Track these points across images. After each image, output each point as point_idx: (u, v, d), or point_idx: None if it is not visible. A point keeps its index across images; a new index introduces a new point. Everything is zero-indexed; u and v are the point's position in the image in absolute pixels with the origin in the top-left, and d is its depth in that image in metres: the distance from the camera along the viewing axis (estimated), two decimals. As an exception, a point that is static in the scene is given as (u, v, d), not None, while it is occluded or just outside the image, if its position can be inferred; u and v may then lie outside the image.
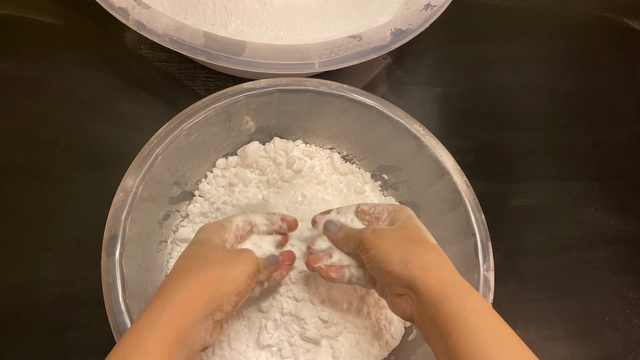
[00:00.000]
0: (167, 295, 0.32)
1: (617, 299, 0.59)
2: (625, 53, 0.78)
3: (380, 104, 0.50)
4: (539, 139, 0.68)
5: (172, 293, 0.32)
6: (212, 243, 0.37)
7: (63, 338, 0.47)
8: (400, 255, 0.34)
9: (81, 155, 0.56)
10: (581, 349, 0.55)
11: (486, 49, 0.74)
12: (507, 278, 0.57)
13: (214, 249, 0.36)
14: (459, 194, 0.47)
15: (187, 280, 0.33)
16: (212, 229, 0.39)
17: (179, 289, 0.32)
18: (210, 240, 0.37)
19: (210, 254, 0.35)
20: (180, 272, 0.34)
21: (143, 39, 0.63)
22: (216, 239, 0.37)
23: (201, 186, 0.52)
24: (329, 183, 0.54)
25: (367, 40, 0.53)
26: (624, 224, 0.64)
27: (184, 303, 0.31)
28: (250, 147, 0.52)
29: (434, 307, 0.31)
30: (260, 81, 0.49)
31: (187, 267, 0.34)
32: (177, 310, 0.31)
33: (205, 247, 0.36)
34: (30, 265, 0.49)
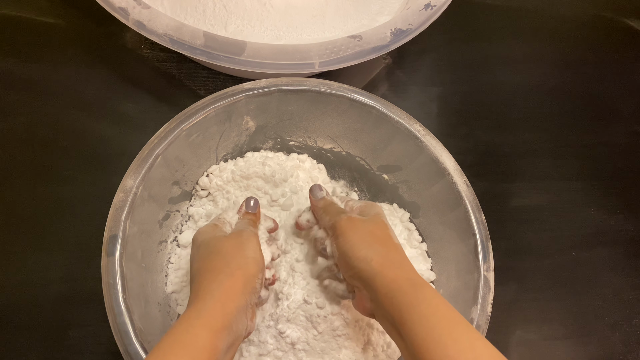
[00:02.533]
0: (205, 292, 0.34)
1: (617, 299, 0.59)
2: (625, 53, 0.78)
3: (380, 104, 0.50)
4: (539, 139, 0.68)
5: (210, 290, 0.34)
6: (216, 238, 0.39)
7: (63, 338, 0.47)
8: (365, 252, 0.37)
9: (81, 155, 0.56)
10: (581, 349, 0.55)
11: (486, 49, 0.74)
12: (507, 278, 0.57)
13: (220, 242, 0.38)
14: (459, 194, 0.47)
15: (218, 276, 0.35)
16: (207, 230, 0.40)
17: (214, 285, 0.34)
18: (213, 237, 0.39)
19: (221, 248, 0.37)
20: (208, 272, 0.36)
21: (143, 39, 0.63)
22: (218, 233, 0.39)
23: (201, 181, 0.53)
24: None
25: (367, 40, 0.53)
26: (624, 224, 0.64)
27: (223, 295, 0.34)
28: None
29: (389, 301, 0.34)
30: (260, 81, 0.49)
31: (210, 267, 0.36)
32: (220, 301, 0.33)
33: (214, 244, 0.38)
34: (30, 265, 0.49)
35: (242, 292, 0.35)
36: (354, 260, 0.37)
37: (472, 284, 0.44)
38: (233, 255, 0.37)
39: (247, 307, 0.35)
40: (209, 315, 0.32)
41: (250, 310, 0.36)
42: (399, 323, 0.33)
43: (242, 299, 0.35)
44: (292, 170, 0.53)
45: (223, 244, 0.38)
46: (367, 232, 0.38)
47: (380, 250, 0.37)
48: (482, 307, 0.43)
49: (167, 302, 0.47)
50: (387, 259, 0.36)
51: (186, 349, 0.30)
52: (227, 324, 0.32)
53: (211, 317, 0.32)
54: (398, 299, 0.33)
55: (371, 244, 0.37)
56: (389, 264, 0.36)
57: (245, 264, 0.36)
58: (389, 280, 0.35)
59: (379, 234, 0.39)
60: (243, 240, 0.38)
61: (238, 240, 0.38)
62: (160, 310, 0.45)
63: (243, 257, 0.37)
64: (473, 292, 0.43)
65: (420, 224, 0.53)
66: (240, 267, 0.36)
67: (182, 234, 0.51)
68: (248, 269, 0.36)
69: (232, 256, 0.37)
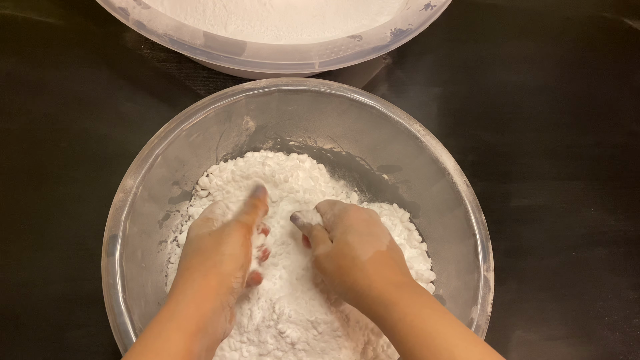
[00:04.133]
0: (179, 292, 0.33)
1: (617, 299, 0.59)
2: (625, 53, 0.78)
3: (380, 104, 0.50)
4: (539, 139, 0.68)
5: (184, 290, 0.33)
6: (199, 236, 0.38)
7: (63, 338, 0.47)
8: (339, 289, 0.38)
9: (81, 155, 0.56)
10: (581, 349, 0.55)
11: (486, 49, 0.74)
12: (507, 278, 0.57)
13: (202, 239, 0.37)
14: (459, 194, 0.47)
15: (193, 275, 0.34)
16: (198, 223, 0.40)
17: (189, 285, 0.33)
18: (198, 234, 0.38)
19: (200, 245, 0.37)
20: (185, 271, 0.35)
21: (143, 39, 0.63)
22: (203, 230, 0.39)
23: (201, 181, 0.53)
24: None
25: (367, 40, 0.53)
26: (624, 224, 0.64)
27: (197, 295, 0.32)
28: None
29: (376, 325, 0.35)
30: (260, 81, 0.49)
31: (188, 266, 0.35)
32: (193, 302, 0.32)
33: (196, 242, 0.37)
34: (30, 265, 0.49)
35: (216, 292, 0.33)
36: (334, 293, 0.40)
37: (472, 284, 0.44)
38: (210, 252, 0.35)
39: (223, 307, 0.33)
40: (183, 317, 0.31)
41: (228, 311, 0.34)
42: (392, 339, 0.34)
43: (217, 300, 0.33)
44: (292, 170, 0.53)
45: (203, 241, 0.37)
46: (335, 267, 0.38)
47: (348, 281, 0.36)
48: (482, 307, 0.43)
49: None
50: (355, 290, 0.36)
51: (159, 355, 0.28)
52: (201, 326, 0.31)
53: (185, 319, 0.31)
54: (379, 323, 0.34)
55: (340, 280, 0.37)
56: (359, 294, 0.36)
57: (220, 261, 0.35)
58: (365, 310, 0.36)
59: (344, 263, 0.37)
60: (224, 235, 0.37)
61: (218, 236, 0.37)
62: (160, 310, 0.45)
63: (219, 254, 0.35)
64: (473, 292, 0.43)
65: (420, 224, 0.53)
66: (215, 264, 0.34)
67: (182, 234, 0.51)
68: (223, 267, 0.35)
69: (209, 254, 0.35)
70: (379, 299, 0.34)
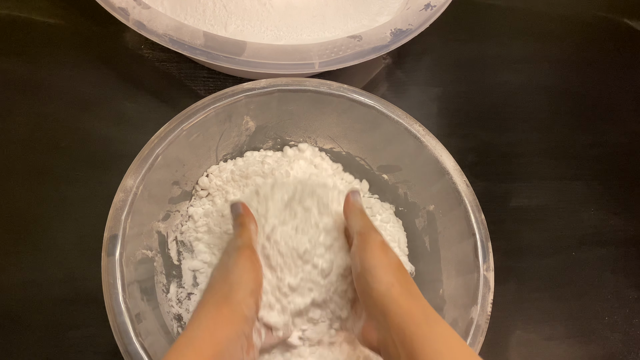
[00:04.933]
0: (194, 323, 0.33)
1: (617, 299, 0.58)
2: (625, 53, 0.78)
3: (380, 104, 0.50)
4: (539, 139, 0.68)
5: (198, 321, 0.34)
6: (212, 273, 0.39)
7: (63, 338, 0.47)
8: (387, 277, 0.36)
9: (81, 156, 0.56)
10: (581, 349, 0.55)
11: (486, 49, 0.74)
12: (507, 278, 0.57)
13: (213, 273, 0.38)
14: (459, 194, 0.47)
15: (205, 308, 0.35)
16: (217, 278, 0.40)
17: (202, 316, 0.34)
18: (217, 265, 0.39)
19: (212, 280, 0.38)
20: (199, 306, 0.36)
21: (143, 39, 0.63)
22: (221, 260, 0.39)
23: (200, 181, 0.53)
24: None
25: (367, 40, 0.53)
26: (624, 224, 0.64)
27: (211, 324, 0.33)
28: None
29: (402, 331, 0.32)
30: (260, 81, 0.49)
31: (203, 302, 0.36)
32: (208, 330, 0.32)
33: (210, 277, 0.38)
34: (30, 265, 0.49)
35: (229, 320, 0.34)
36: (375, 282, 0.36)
37: (472, 283, 0.44)
38: (219, 284, 0.36)
39: (238, 336, 0.34)
40: (199, 343, 0.31)
41: (245, 342, 0.35)
42: (409, 354, 0.31)
43: (232, 329, 0.33)
44: (292, 162, 0.52)
45: (213, 275, 0.38)
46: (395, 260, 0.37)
47: (402, 278, 0.36)
48: (482, 307, 0.43)
49: (168, 303, 0.47)
50: (406, 288, 0.35)
51: None
52: (217, 353, 0.31)
53: (201, 344, 0.31)
54: (411, 330, 0.32)
55: (395, 271, 0.36)
56: (407, 293, 0.35)
57: (229, 291, 0.35)
58: (404, 309, 0.34)
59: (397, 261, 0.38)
60: (229, 264, 0.37)
61: (224, 267, 0.37)
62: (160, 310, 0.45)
63: (227, 284, 0.36)
64: (473, 292, 0.43)
65: (420, 224, 0.53)
66: (225, 296, 0.35)
67: (182, 234, 0.51)
68: (232, 297, 0.35)
69: (219, 286, 0.36)
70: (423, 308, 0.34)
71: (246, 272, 0.37)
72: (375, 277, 0.36)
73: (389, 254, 0.38)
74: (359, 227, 0.40)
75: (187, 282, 0.49)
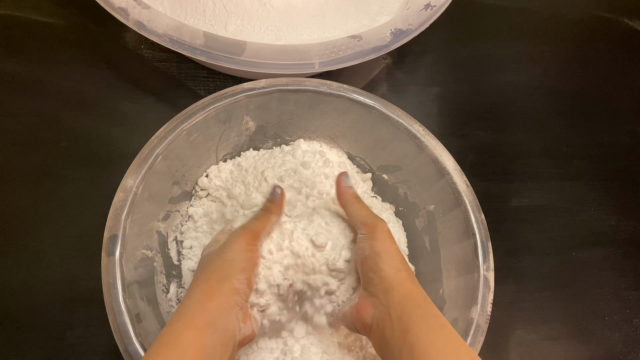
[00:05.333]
0: (186, 299, 0.35)
1: (617, 299, 0.58)
2: (625, 53, 0.78)
3: (380, 104, 0.50)
4: (539, 139, 0.68)
5: (189, 295, 0.35)
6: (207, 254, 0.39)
7: (63, 338, 0.47)
8: (397, 263, 0.38)
9: (81, 155, 0.56)
10: (581, 349, 0.55)
11: (486, 49, 0.74)
12: (507, 278, 0.57)
13: (206, 256, 0.39)
14: (458, 194, 0.47)
15: (196, 282, 0.36)
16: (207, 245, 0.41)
17: (192, 290, 0.35)
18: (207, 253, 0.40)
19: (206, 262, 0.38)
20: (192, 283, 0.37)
21: (143, 39, 0.63)
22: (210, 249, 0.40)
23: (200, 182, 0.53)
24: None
25: (367, 40, 0.53)
26: (624, 224, 0.64)
27: (201, 296, 0.34)
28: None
29: (402, 308, 0.35)
30: (260, 81, 0.49)
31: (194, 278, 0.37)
32: (199, 303, 0.34)
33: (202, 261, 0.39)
34: (30, 265, 0.49)
35: (219, 292, 0.35)
36: (385, 264, 0.37)
37: (472, 284, 0.44)
38: (212, 262, 0.37)
39: (230, 306, 0.35)
40: (190, 314, 0.33)
41: (238, 311, 0.35)
42: (404, 329, 0.33)
43: (221, 299, 0.34)
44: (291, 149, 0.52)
45: (209, 257, 0.38)
46: (399, 249, 0.40)
47: (407, 267, 0.38)
48: (482, 307, 0.43)
49: (168, 303, 0.47)
50: (411, 276, 0.38)
51: (173, 348, 0.30)
52: (209, 321, 0.32)
53: (192, 315, 0.33)
54: (410, 309, 0.34)
55: (402, 259, 0.39)
56: (412, 280, 0.37)
57: (220, 266, 0.36)
58: (407, 291, 0.36)
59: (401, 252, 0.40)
60: (226, 244, 0.38)
61: (220, 248, 0.38)
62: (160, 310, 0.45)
63: (220, 260, 0.37)
64: (473, 292, 0.43)
65: (420, 224, 0.53)
66: (215, 269, 0.36)
67: (182, 234, 0.51)
68: (222, 270, 0.36)
69: (211, 262, 0.37)
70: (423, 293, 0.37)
71: (240, 251, 0.37)
72: (385, 261, 0.38)
73: (395, 244, 0.40)
74: (362, 217, 0.41)
75: (187, 282, 0.49)
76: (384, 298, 0.36)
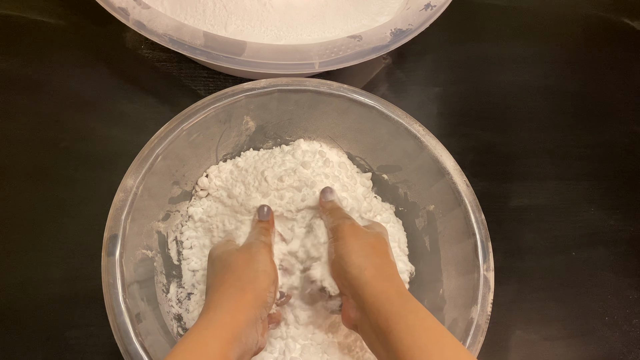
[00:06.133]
0: (215, 305, 0.34)
1: (617, 299, 0.59)
2: (625, 53, 0.78)
3: (380, 104, 0.50)
4: (539, 139, 0.68)
5: (220, 303, 0.34)
6: (227, 252, 0.40)
7: (63, 338, 0.47)
8: (361, 260, 0.37)
9: (81, 155, 0.56)
10: (581, 349, 0.55)
11: (486, 49, 0.74)
12: (507, 278, 0.57)
13: (231, 255, 0.39)
14: (459, 194, 0.47)
15: (229, 290, 0.36)
16: (222, 243, 0.42)
17: (225, 298, 0.35)
18: (225, 251, 0.40)
19: (231, 262, 0.38)
20: (220, 286, 0.37)
21: (143, 39, 0.63)
22: (230, 247, 0.40)
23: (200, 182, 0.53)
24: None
25: (367, 40, 0.53)
26: (624, 224, 0.64)
27: (232, 307, 0.34)
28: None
29: (377, 310, 0.34)
30: (260, 81, 0.49)
31: (222, 282, 0.37)
32: (229, 313, 0.33)
33: (225, 257, 0.39)
34: (30, 265, 0.49)
35: (252, 305, 0.35)
36: (349, 265, 0.37)
37: (472, 284, 0.44)
38: (243, 269, 0.37)
39: (257, 320, 0.35)
40: (219, 326, 0.32)
41: (260, 325, 0.36)
42: (384, 331, 0.33)
43: (252, 312, 0.35)
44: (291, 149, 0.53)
45: (234, 258, 0.38)
46: (367, 243, 0.39)
47: (375, 261, 0.37)
48: (482, 307, 0.43)
49: (168, 303, 0.47)
50: (380, 270, 0.37)
51: (197, 358, 0.30)
52: (236, 335, 0.33)
53: (221, 327, 0.32)
54: (385, 308, 0.34)
55: (368, 254, 0.38)
56: (381, 275, 0.36)
57: (255, 277, 0.37)
58: (378, 290, 0.35)
59: (377, 246, 0.39)
60: (253, 253, 0.39)
61: (248, 254, 0.39)
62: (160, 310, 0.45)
63: (253, 271, 0.37)
64: (473, 292, 0.43)
65: (420, 224, 0.53)
66: (251, 281, 0.36)
67: (182, 234, 0.51)
68: (258, 283, 0.36)
69: (242, 270, 0.37)
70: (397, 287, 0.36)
71: (269, 263, 0.38)
72: (348, 262, 0.37)
73: (361, 237, 0.39)
74: (330, 223, 0.42)
75: (187, 282, 0.49)
76: (358, 300, 0.36)
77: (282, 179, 0.47)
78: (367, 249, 0.38)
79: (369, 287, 0.35)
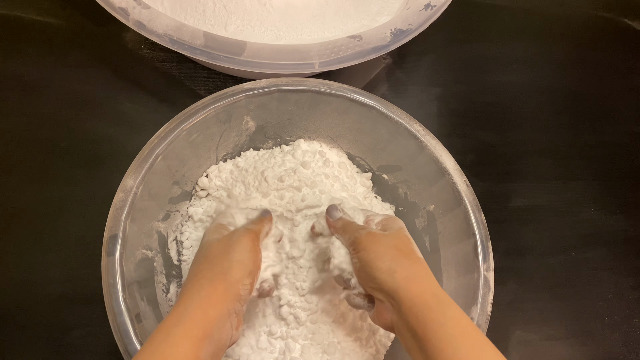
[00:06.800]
0: (186, 298, 0.33)
1: (617, 299, 0.59)
2: (625, 53, 0.78)
3: (380, 104, 0.50)
4: (539, 139, 0.68)
5: (191, 295, 0.33)
6: (209, 242, 0.38)
7: (63, 338, 0.47)
8: (389, 264, 0.35)
9: (81, 155, 0.56)
10: (581, 349, 0.55)
11: (486, 49, 0.74)
12: (507, 278, 0.57)
13: (211, 245, 0.37)
14: (459, 194, 0.47)
15: (200, 281, 0.34)
16: (211, 229, 0.40)
17: (195, 290, 0.33)
18: (209, 240, 0.38)
19: (209, 252, 0.37)
20: (193, 277, 0.35)
21: (143, 39, 0.63)
22: (214, 236, 0.39)
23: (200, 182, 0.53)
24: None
25: (367, 40, 0.53)
26: (624, 224, 0.64)
27: (204, 301, 0.33)
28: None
29: (414, 316, 0.32)
30: (260, 81, 0.49)
31: (196, 271, 0.36)
32: (200, 307, 0.32)
33: (206, 248, 0.37)
34: (30, 265, 0.49)
35: (223, 298, 0.33)
36: (376, 271, 0.35)
37: (472, 284, 0.44)
38: (218, 259, 0.35)
39: (229, 314, 0.33)
40: (189, 322, 0.31)
41: (234, 318, 0.34)
42: (422, 339, 0.31)
43: (224, 307, 0.33)
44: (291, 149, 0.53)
45: (212, 247, 0.37)
46: (390, 246, 0.37)
47: (404, 263, 0.36)
48: (482, 307, 0.43)
49: (168, 303, 0.47)
50: (412, 272, 0.35)
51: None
52: (208, 332, 0.31)
53: (191, 324, 0.31)
54: (424, 315, 0.32)
55: (394, 257, 0.36)
56: (414, 277, 0.35)
57: (228, 267, 0.35)
58: (414, 294, 0.33)
59: (402, 247, 0.37)
60: (232, 242, 0.37)
61: (227, 243, 0.37)
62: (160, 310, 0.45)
63: (227, 261, 0.35)
64: (473, 292, 0.43)
65: (420, 224, 0.53)
66: (223, 271, 0.34)
67: (182, 234, 0.51)
68: (231, 274, 0.34)
69: (217, 260, 0.35)
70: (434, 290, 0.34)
71: (247, 252, 0.36)
72: (374, 268, 0.36)
73: (382, 242, 0.37)
74: (347, 239, 0.40)
75: (187, 282, 0.49)
76: (394, 303, 0.34)
77: (282, 179, 0.47)
78: (392, 252, 0.36)
79: (403, 290, 0.34)
